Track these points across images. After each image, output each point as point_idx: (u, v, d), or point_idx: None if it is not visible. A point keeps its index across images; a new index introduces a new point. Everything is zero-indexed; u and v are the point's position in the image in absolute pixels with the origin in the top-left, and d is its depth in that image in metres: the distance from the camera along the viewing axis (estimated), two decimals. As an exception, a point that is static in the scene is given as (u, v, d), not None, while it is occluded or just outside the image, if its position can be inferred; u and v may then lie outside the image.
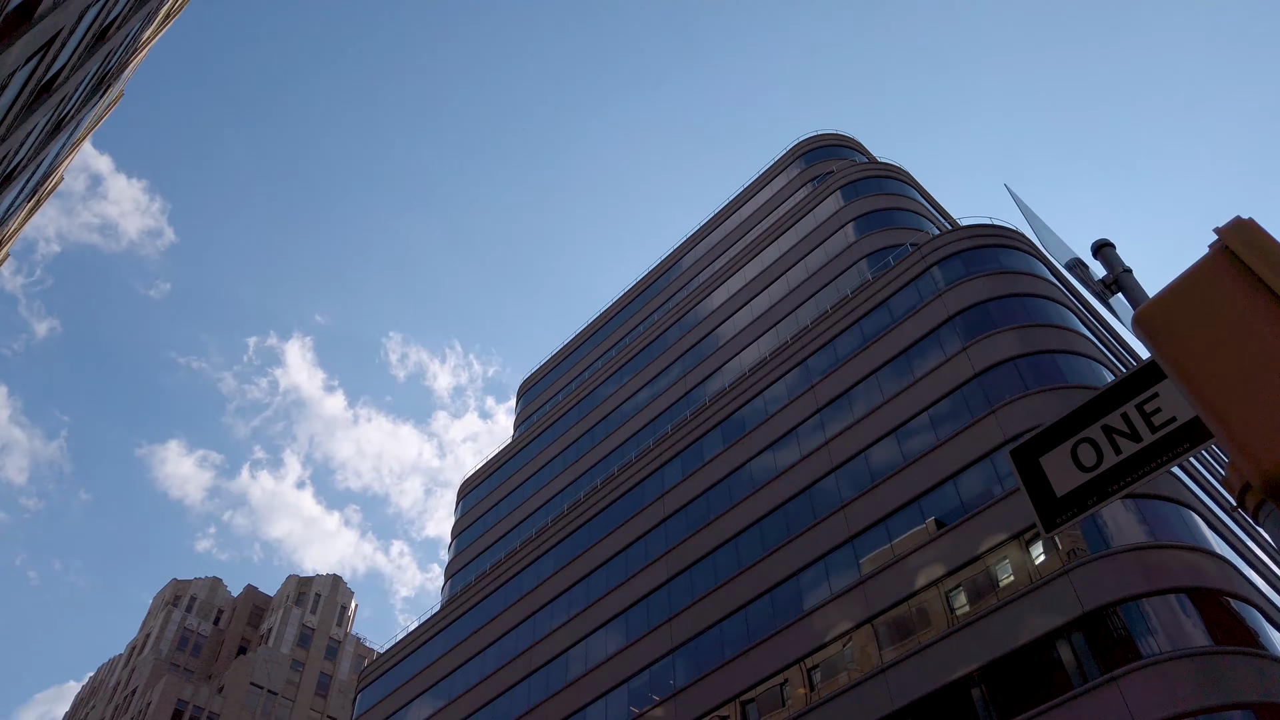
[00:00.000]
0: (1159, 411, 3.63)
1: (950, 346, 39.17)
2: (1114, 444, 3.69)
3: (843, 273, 50.33)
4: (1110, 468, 3.65)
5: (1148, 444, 3.58)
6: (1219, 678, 25.75)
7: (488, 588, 57.47)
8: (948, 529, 33.99)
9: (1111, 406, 3.79)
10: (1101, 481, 3.66)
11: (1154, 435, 3.57)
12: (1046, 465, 3.77)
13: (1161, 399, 3.64)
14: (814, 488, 40.83)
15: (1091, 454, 3.74)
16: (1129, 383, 3.81)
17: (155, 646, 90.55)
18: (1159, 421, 3.59)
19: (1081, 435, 3.81)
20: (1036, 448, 3.84)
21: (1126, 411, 3.72)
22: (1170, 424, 3.55)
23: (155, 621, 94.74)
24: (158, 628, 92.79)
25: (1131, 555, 28.93)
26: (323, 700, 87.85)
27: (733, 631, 39.73)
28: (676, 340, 61.36)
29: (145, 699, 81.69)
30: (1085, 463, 3.74)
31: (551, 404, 72.49)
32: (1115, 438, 3.70)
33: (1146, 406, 3.68)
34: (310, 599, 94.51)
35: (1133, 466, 3.60)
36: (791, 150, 65.92)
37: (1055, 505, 3.73)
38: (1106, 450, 3.69)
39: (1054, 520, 3.74)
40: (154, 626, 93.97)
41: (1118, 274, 3.98)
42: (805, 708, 34.47)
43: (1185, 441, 3.47)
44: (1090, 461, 3.73)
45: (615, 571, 48.97)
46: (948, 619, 32.12)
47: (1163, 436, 3.55)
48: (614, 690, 43.63)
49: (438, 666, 56.07)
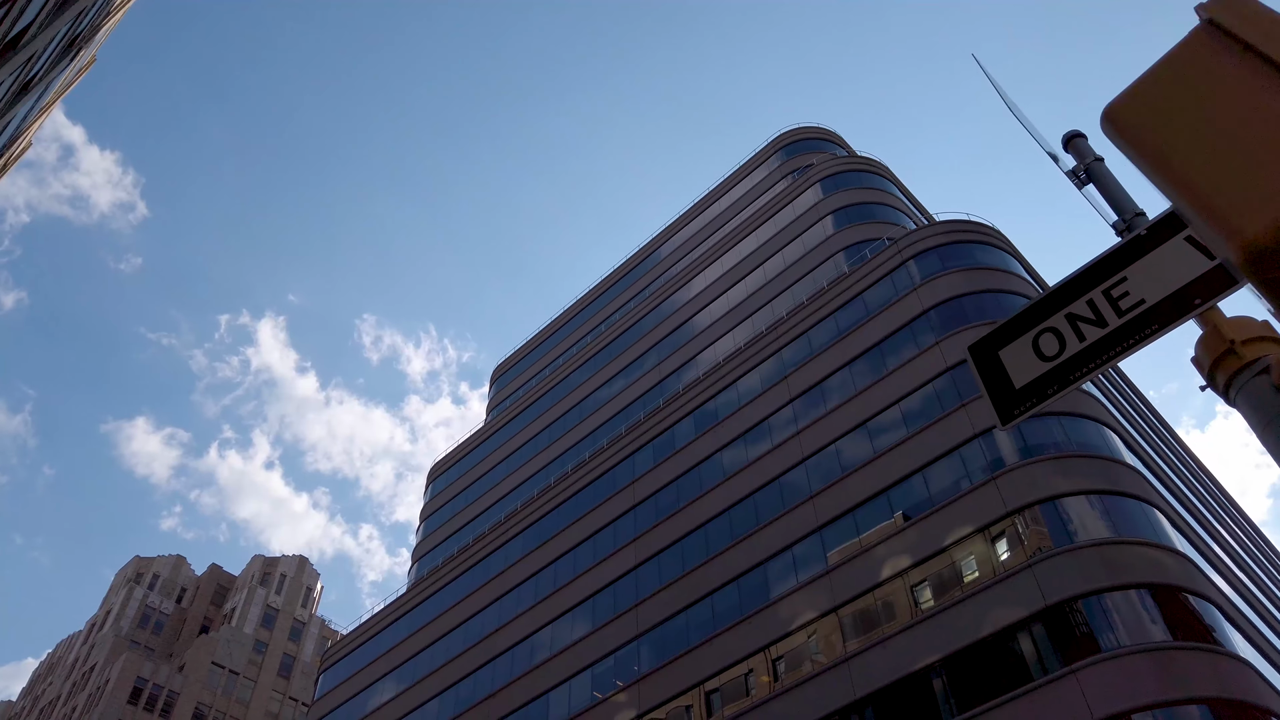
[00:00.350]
0: (1127, 295, 3.49)
1: (924, 340, 39.33)
2: (1078, 331, 3.55)
3: (820, 265, 50.39)
4: (1073, 355, 3.51)
5: (1114, 328, 3.44)
6: (1176, 673, 26.04)
7: (455, 571, 57.20)
8: (914, 521, 34.15)
9: (1077, 294, 3.64)
10: (1063, 370, 3.52)
11: (1121, 319, 3.43)
12: (1006, 358, 3.63)
13: (1130, 283, 3.50)
14: (784, 478, 40.90)
15: (1054, 343, 3.60)
16: (1096, 269, 3.65)
17: (116, 623, 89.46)
18: (1126, 305, 3.45)
19: (1044, 326, 3.66)
20: (996, 341, 3.69)
21: (1093, 298, 3.58)
22: (1138, 306, 3.41)
23: (116, 598, 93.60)
24: (119, 604, 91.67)
25: (1095, 550, 29.18)
26: (285, 681, 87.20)
27: (698, 618, 39.76)
28: (652, 328, 61.25)
29: (104, 675, 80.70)
30: (1047, 352, 3.60)
31: (525, 389, 72.21)
32: (1080, 325, 3.55)
33: (1114, 291, 3.54)
34: (276, 580, 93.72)
35: (1097, 352, 3.46)
36: (772, 142, 65.92)
37: (1013, 397, 3.58)
38: (1070, 338, 3.55)
39: (1011, 412, 3.60)
40: (115, 603, 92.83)
41: (1088, 163, 3.86)
42: (768, 695, 34.55)
43: (1154, 323, 3.33)
44: (1052, 351, 3.59)
45: (583, 557, 48.88)
46: (911, 610, 32.29)
47: (1130, 320, 3.41)
48: (578, 675, 43.57)
49: (402, 649, 55.77)
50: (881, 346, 41.24)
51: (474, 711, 47.39)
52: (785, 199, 57.22)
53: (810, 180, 56.16)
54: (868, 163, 56.32)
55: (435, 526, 67.51)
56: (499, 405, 75.19)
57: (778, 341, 47.06)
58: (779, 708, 33.85)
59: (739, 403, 46.57)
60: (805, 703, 33.04)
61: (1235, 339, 2.71)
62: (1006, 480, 32.19)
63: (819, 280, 49.36)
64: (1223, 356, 2.67)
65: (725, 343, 53.11)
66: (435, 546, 65.34)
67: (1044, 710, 26.65)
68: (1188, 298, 3.27)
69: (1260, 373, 2.48)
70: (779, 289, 52.09)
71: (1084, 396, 35.33)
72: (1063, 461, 32.18)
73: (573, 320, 74.50)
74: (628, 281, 71.11)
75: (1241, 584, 38.31)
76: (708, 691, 37.14)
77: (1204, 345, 2.69)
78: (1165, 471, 40.28)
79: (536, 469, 61.58)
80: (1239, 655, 27.86)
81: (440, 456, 74.52)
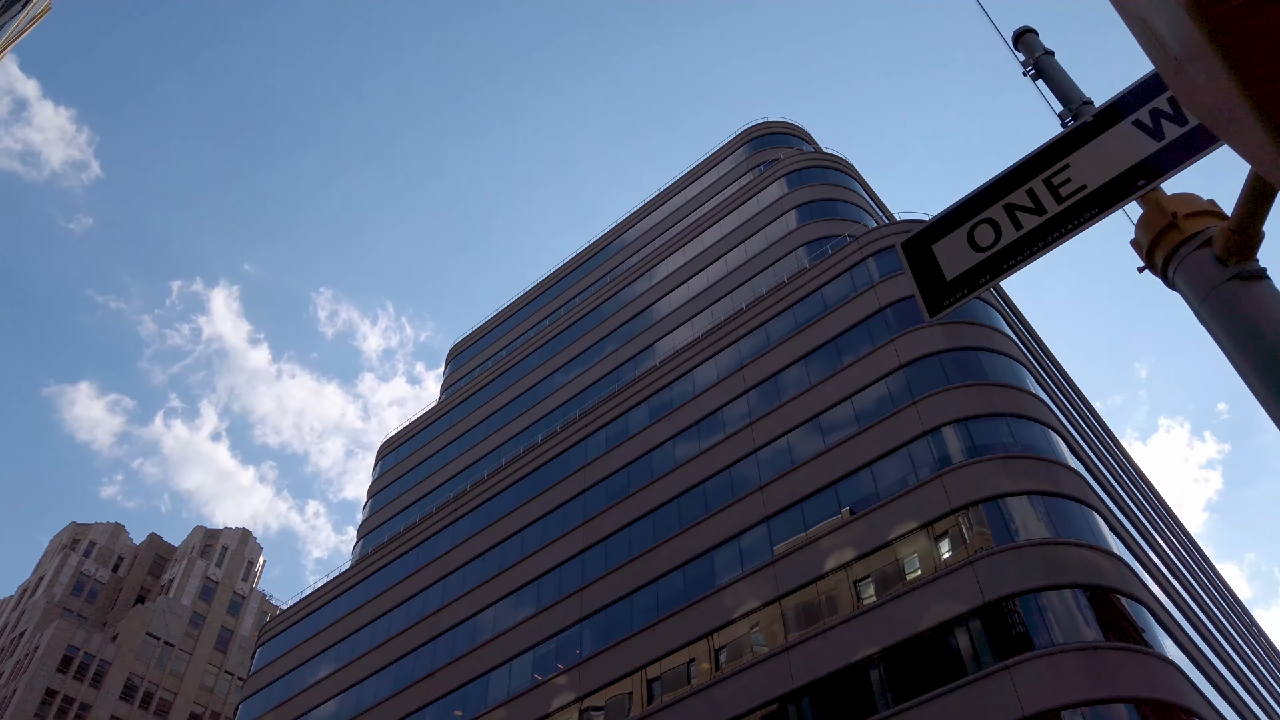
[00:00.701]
0: (1068, 182, 3.37)
1: (879, 337, 39.66)
2: (1015, 220, 3.43)
3: (781, 259, 50.59)
4: (1009, 243, 3.40)
5: (1052, 215, 3.34)
6: (1106, 672, 26.58)
7: (400, 548, 56.66)
8: (860, 515, 34.47)
9: (1017, 184, 3.52)
10: (998, 259, 3.41)
11: (1060, 205, 3.32)
12: (939, 252, 3.53)
13: (1072, 170, 3.39)
14: (734, 467, 41.05)
15: (989, 233, 3.49)
16: (1038, 158, 3.52)
17: (48, 590, 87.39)
18: (1067, 192, 3.34)
19: (981, 218, 3.54)
20: (929, 237, 3.59)
21: (1033, 187, 3.46)
22: (1080, 192, 3.29)
23: (50, 564, 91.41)
24: (52, 571, 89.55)
25: (1035, 550, 29.66)
26: (222, 655, 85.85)
27: (643, 604, 39.80)
28: (611, 314, 61.09)
29: (34, 642, 78.79)
30: (981, 243, 3.49)
31: (481, 370, 71.68)
32: (1018, 214, 3.44)
33: (1055, 179, 3.42)
34: (216, 552, 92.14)
35: (1034, 239, 3.36)
36: (739, 135, 66.00)
37: (943, 288, 3.49)
38: (1006, 228, 3.44)
39: (940, 303, 3.51)
40: (48, 569, 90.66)
41: (1038, 57, 3.80)
42: (709, 682, 34.70)
43: (1093, 207, 3.23)
44: (987, 241, 3.48)
45: (531, 539, 48.68)
46: (853, 602, 32.61)
47: (1070, 205, 3.30)
48: (519, 657, 43.42)
49: (342, 625, 55.16)
50: (837, 342, 41.52)
51: (413, 690, 47.02)
52: (750, 192, 57.35)
53: (776, 174, 56.35)
54: (833, 159, 56.64)
55: (383, 504, 66.82)
56: (454, 385, 74.56)
57: (735, 333, 47.18)
58: (719, 695, 34.00)
59: (694, 392, 46.63)
60: (745, 691, 33.23)
61: (1178, 212, 2.64)
62: (952, 478, 32.60)
63: (780, 274, 49.56)
64: (1164, 231, 2.59)
65: (684, 332, 53.13)
66: (382, 524, 64.68)
67: (977, 705, 27.06)
68: (1130, 179, 3.18)
69: (1202, 245, 2.42)
70: (739, 281, 52.21)
71: (1033, 400, 35.90)
72: (1008, 462, 32.65)
73: (532, 303, 74.07)
74: (589, 267, 70.85)
75: (1173, 589, 39.25)
76: (649, 678, 37.21)
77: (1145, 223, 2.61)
78: (1107, 478, 41.10)
79: (488, 450, 61.18)
80: (1167, 657, 28.50)
81: (391, 433, 73.80)
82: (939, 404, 35.27)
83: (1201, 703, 28.52)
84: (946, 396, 35.37)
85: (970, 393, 35.36)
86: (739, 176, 62.03)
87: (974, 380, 35.82)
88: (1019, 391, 35.93)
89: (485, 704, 42.96)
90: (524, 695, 41.41)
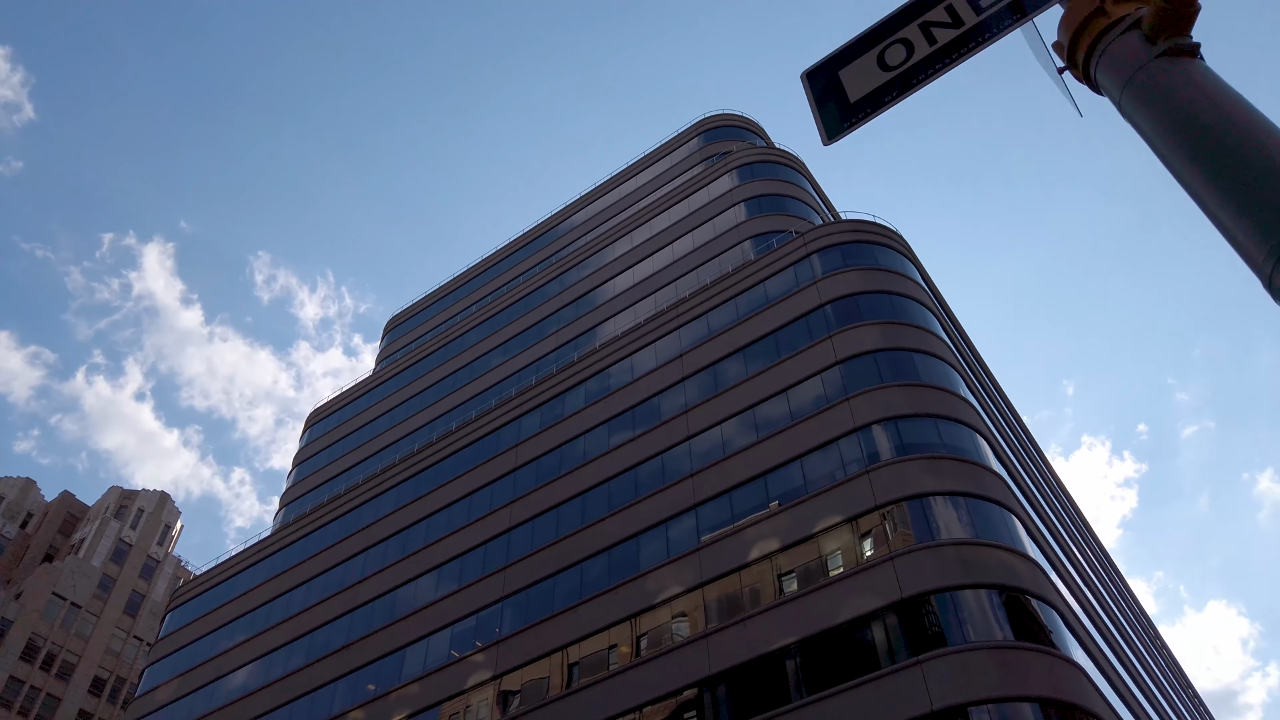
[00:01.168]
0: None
1: (818, 333, 39.92)
2: (929, 36, 3.16)
3: (727, 250, 50.66)
4: (921, 59, 3.13)
5: (969, 26, 3.06)
6: (1015, 671, 27.11)
7: (322, 519, 55.58)
8: (787, 507, 34.67)
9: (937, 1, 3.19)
10: (907, 75, 3.14)
11: (978, 17, 3.04)
12: (846, 77, 3.29)
13: None
14: (667, 454, 41.01)
15: (901, 53, 3.21)
16: None
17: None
18: (987, 3, 3.04)
19: (893, 39, 3.26)
20: (837, 62, 3.34)
21: (951, 4, 3.16)
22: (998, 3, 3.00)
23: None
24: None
25: (953, 549, 30.13)
26: (131, 620, 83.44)
27: (567, 585, 39.57)
28: (554, 295, 60.63)
29: (-70, 597, 75.68)
30: (891, 62, 3.22)
31: (418, 344, 70.61)
32: (933, 30, 3.15)
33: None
34: (132, 514, 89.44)
35: (947, 52, 3.09)
36: (694, 126, 65.96)
37: (846, 110, 3.24)
38: (919, 44, 3.17)
39: (841, 125, 3.26)
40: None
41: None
42: (627, 665, 34.63)
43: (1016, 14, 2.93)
44: (897, 60, 3.21)
45: (457, 516, 48.10)
46: (774, 592, 32.80)
47: (990, 14, 3.01)
48: (437, 632, 42.88)
49: (258, 592, 53.93)
50: (777, 335, 41.70)
51: (326, 661, 46.17)
52: (700, 182, 57.34)
53: (727, 166, 56.42)
54: (784, 155, 56.91)
55: (308, 473, 65.49)
56: (390, 357, 73.36)
57: (677, 320, 47.14)
58: (637, 678, 33.95)
59: (632, 377, 46.48)
60: (663, 676, 33.23)
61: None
62: (879, 475, 32.96)
63: (725, 265, 49.64)
64: (1089, 19, 2.31)
65: (625, 317, 52.93)
66: (306, 493, 63.40)
67: (889, 698, 27.40)
68: None
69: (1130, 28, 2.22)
70: (685, 269, 52.19)
71: (962, 404, 36.46)
72: (934, 462, 33.11)
73: (475, 279, 73.18)
74: (535, 247, 70.23)
75: (1084, 597, 40.28)
76: (569, 660, 37.01)
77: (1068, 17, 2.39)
78: (1028, 485, 42.00)
79: (420, 425, 60.32)
80: (1074, 660, 29.20)
81: (321, 402, 72.30)
82: (871, 402, 35.63)
83: (1104, 707, 29.27)
84: (879, 395, 35.74)
85: (902, 392, 35.78)
86: (691, 167, 62.00)
87: (907, 380, 36.26)
88: (949, 394, 36.46)
89: (400, 678, 42.36)
90: (440, 671, 40.91)
